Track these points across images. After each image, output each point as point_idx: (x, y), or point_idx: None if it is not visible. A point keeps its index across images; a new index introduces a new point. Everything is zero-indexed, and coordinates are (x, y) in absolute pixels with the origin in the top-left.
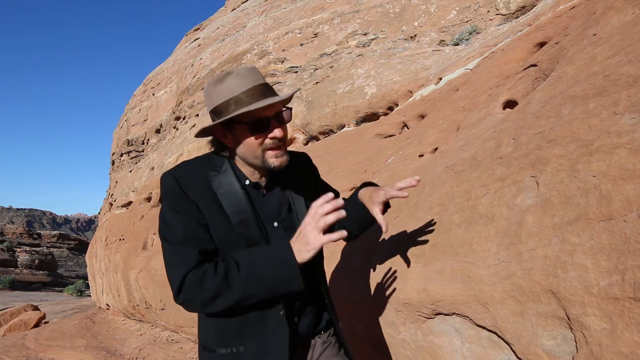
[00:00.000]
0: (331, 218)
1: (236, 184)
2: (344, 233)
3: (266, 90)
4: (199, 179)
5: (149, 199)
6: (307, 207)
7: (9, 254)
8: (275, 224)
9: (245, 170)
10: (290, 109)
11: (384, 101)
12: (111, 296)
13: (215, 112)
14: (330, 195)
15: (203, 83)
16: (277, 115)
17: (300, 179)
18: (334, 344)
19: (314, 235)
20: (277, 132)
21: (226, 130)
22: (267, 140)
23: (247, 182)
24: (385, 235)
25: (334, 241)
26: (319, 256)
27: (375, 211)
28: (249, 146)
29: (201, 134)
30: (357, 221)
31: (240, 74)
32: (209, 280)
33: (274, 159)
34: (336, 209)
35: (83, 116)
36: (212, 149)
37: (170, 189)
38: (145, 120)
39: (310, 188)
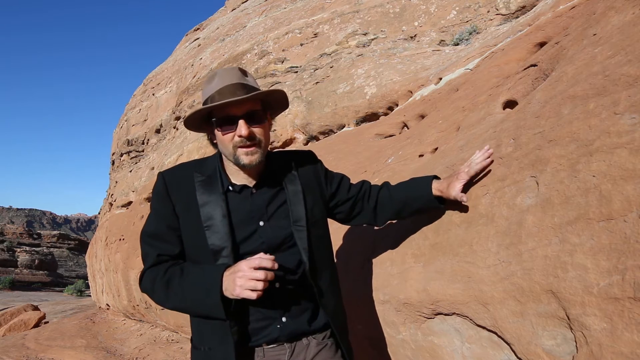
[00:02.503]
0: (261, 276)
1: (218, 188)
2: (254, 293)
3: (238, 89)
4: (185, 181)
5: (149, 199)
6: (306, 202)
7: (9, 254)
8: (261, 223)
9: (234, 170)
10: (257, 110)
11: (384, 101)
12: (111, 296)
13: None
14: (268, 257)
15: (203, 83)
16: (250, 114)
17: (301, 177)
18: (331, 346)
19: (241, 283)
20: (242, 130)
21: (209, 128)
22: (236, 138)
23: (231, 187)
24: (386, 235)
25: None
26: (323, 258)
27: (456, 195)
28: (221, 143)
29: (191, 128)
30: (409, 207)
31: (220, 74)
32: (158, 284)
33: (243, 156)
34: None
35: (83, 116)
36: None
37: (157, 188)
38: (145, 120)
39: (312, 186)
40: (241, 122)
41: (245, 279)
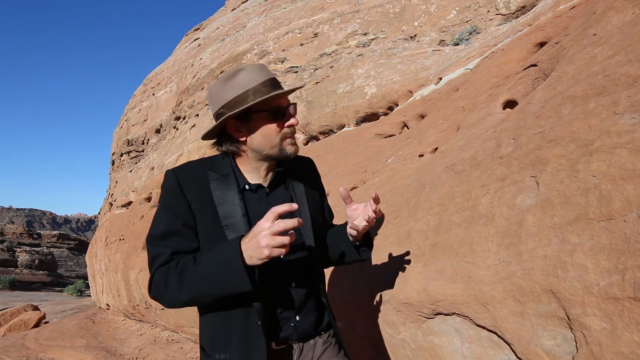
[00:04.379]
0: (284, 225)
1: (234, 187)
2: (283, 249)
3: (278, 82)
4: (199, 179)
5: (149, 199)
6: (310, 209)
7: (9, 254)
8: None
9: (250, 169)
10: (295, 103)
11: (384, 101)
12: (111, 296)
13: (228, 107)
14: (289, 205)
15: (203, 83)
16: (290, 106)
17: (304, 181)
18: (334, 344)
19: (266, 242)
20: (293, 120)
21: (240, 123)
22: (286, 129)
23: (247, 186)
24: (386, 235)
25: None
26: (322, 262)
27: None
28: (267, 135)
29: (209, 134)
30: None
31: (254, 69)
32: (171, 278)
33: (290, 147)
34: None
35: (83, 116)
36: (219, 150)
37: (169, 185)
38: (145, 120)
39: (313, 192)
40: (291, 112)
41: (269, 237)
